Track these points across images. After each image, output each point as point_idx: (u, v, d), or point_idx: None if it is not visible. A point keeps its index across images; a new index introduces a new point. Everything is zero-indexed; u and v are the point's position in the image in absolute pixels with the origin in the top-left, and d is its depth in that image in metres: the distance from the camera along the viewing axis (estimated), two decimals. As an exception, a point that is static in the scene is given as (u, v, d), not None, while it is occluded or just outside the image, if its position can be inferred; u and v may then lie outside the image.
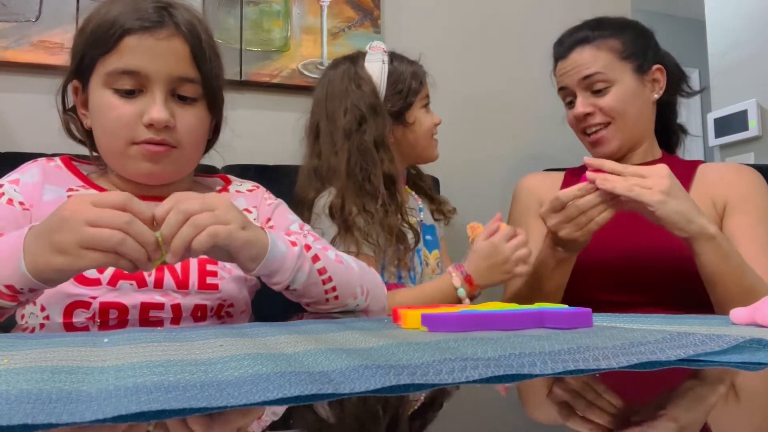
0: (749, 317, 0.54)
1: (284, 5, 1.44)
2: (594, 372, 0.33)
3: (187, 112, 0.81)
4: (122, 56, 0.76)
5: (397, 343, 0.40)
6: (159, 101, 0.77)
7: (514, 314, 0.50)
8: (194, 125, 0.82)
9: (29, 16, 1.24)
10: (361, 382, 0.29)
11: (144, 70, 0.77)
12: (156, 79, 0.77)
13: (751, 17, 2.66)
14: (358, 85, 1.12)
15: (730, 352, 0.37)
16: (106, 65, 0.77)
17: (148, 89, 0.78)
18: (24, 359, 0.36)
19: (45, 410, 0.25)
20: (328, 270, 0.76)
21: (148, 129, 0.77)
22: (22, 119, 1.24)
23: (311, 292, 0.75)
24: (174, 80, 0.79)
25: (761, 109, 2.64)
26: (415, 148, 1.18)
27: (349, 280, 0.79)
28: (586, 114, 1.11)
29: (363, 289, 0.81)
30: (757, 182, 1.08)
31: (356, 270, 0.82)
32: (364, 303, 0.81)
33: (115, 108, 0.77)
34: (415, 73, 1.16)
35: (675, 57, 1.23)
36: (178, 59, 0.79)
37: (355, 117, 1.10)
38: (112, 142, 0.79)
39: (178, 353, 0.38)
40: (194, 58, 0.80)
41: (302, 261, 0.72)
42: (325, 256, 0.77)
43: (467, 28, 1.64)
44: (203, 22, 0.83)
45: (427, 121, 1.17)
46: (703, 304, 0.97)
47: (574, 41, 1.13)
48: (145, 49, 0.77)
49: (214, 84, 0.83)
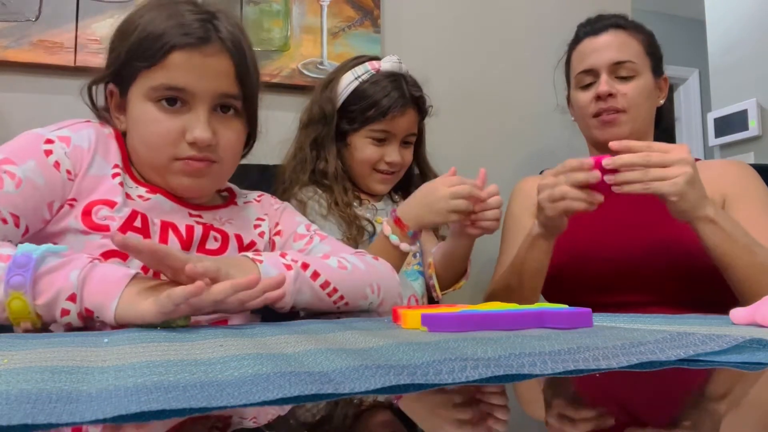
0: (749, 317, 0.54)
1: (284, 5, 1.44)
2: (594, 372, 0.33)
3: (227, 128, 0.80)
4: (168, 72, 0.75)
5: (397, 343, 0.40)
6: (203, 119, 0.76)
7: (514, 314, 0.50)
8: (234, 140, 0.82)
9: (29, 16, 1.23)
10: (361, 382, 0.29)
11: (191, 87, 0.76)
12: (201, 97, 0.76)
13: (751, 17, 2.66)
14: (326, 88, 1.15)
15: (730, 352, 0.37)
16: (151, 79, 0.76)
17: (192, 105, 0.77)
18: (24, 359, 0.36)
19: (45, 410, 0.25)
20: (332, 282, 0.74)
21: (191, 146, 0.77)
22: (22, 119, 1.24)
23: (318, 307, 0.74)
24: (218, 97, 0.78)
25: (761, 109, 2.64)
26: (352, 171, 1.15)
27: (355, 285, 0.78)
28: (609, 95, 1.10)
29: (373, 287, 0.80)
30: (753, 175, 1.09)
31: (363, 270, 0.80)
32: (377, 299, 0.81)
33: (158, 123, 0.76)
34: (380, 106, 1.09)
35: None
36: (224, 76, 0.78)
37: (309, 115, 1.15)
38: (155, 156, 0.78)
39: (178, 353, 0.38)
40: (238, 74, 0.79)
41: (300, 284, 0.71)
42: (327, 268, 0.75)
43: (467, 28, 1.64)
44: (245, 34, 0.82)
45: (366, 153, 1.12)
46: (704, 303, 0.97)
47: (610, 23, 1.14)
48: (192, 67, 0.75)
49: (252, 98, 0.83)
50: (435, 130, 1.34)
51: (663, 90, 1.17)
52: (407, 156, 1.16)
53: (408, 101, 1.11)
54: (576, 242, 1.08)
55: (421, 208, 0.95)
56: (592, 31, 1.15)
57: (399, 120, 1.10)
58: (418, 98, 1.14)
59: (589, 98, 1.13)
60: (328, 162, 1.11)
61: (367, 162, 1.12)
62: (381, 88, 1.10)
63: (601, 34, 1.13)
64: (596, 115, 1.13)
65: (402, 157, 1.14)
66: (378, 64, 1.14)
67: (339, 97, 1.13)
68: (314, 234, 0.90)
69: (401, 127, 1.12)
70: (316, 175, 1.12)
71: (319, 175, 1.12)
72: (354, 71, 1.14)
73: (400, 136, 1.13)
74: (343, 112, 1.13)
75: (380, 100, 1.09)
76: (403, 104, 1.10)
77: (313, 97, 1.18)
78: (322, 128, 1.13)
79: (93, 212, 0.74)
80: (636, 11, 1.68)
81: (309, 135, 1.14)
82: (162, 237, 0.78)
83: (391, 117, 1.09)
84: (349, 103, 1.12)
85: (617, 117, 1.10)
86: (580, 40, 1.17)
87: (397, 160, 1.13)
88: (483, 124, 1.63)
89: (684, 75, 4.31)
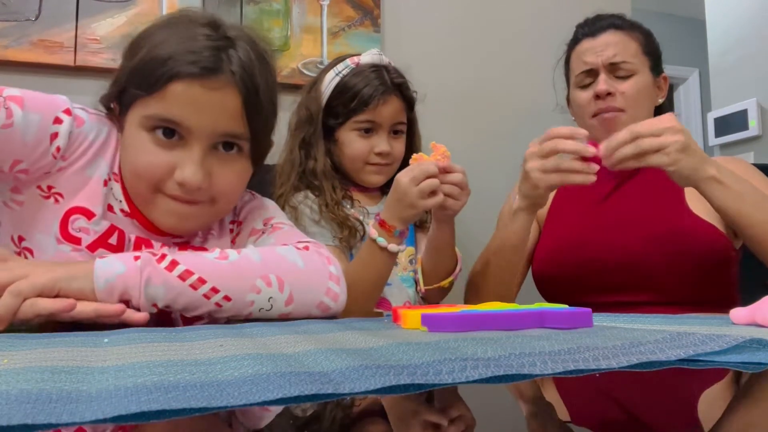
0: (749, 317, 0.54)
1: (284, 4, 1.44)
2: (594, 372, 0.33)
3: (226, 168, 0.73)
4: (165, 103, 0.68)
5: (397, 343, 0.40)
6: (196, 159, 0.69)
7: (514, 314, 0.50)
8: (233, 182, 0.74)
9: (29, 15, 1.23)
10: (361, 382, 0.29)
11: (186, 122, 0.69)
12: (198, 134, 0.69)
13: (751, 17, 2.66)
14: (311, 89, 1.17)
15: (730, 352, 0.37)
16: (147, 107, 0.69)
17: (188, 141, 0.70)
18: (24, 359, 0.36)
19: (45, 410, 0.24)
20: (196, 272, 0.63)
21: (179, 186, 0.70)
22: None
23: (186, 302, 0.63)
24: (218, 135, 0.71)
25: (761, 109, 2.64)
26: (344, 167, 1.16)
27: (237, 275, 0.66)
28: (608, 93, 1.11)
29: (270, 279, 0.68)
30: (753, 168, 1.10)
31: (255, 260, 0.68)
32: (281, 295, 0.68)
33: (148, 154, 0.70)
34: (361, 96, 1.10)
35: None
36: (227, 114, 0.70)
37: (297, 117, 1.17)
38: (139, 186, 0.72)
39: (178, 353, 0.38)
40: (246, 112, 0.71)
41: (149, 273, 0.61)
42: (193, 258, 0.65)
43: (467, 28, 1.64)
44: (266, 65, 0.74)
45: (355, 146, 1.12)
46: (704, 303, 0.97)
47: (608, 23, 1.15)
48: (190, 100, 0.68)
49: (263, 139, 0.75)
50: (434, 129, 1.34)
51: (662, 89, 1.17)
52: (398, 146, 1.16)
53: (390, 88, 1.12)
54: (577, 240, 1.08)
55: (396, 205, 0.95)
56: (590, 32, 1.15)
57: (382, 108, 1.11)
58: (399, 85, 1.14)
59: (588, 98, 1.13)
60: (317, 160, 1.12)
61: (358, 157, 1.12)
62: (361, 78, 1.11)
63: (599, 35, 1.14)
64: (595, 114, 1.13)
65: (392, 147, 1.14)
66: (358, 59, 1.15)
67: (323, 96, 1.14)
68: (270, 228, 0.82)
69: (386, 115, 1.12)
70: (306, 176, 1.13)
71: (309, 174, 1.13)
72: (335, 69, 1.15)
73: (387, 125, 1.13)
74: (328, 109, 1.14)
75: (361, 90, 1.10)
76: (384, 91, 1.11)
77: (300, 100, 1.19)
78: (308, 128, 1.14)
79: (70, 222, 0.72)
80: (636, 11, 1.68)
81: (297, 137, 1.15)
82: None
83: (374, 106, 1.10)
84: (332, 99, 1.13)
85: (616, 116, 1.11)
86: (578, 41, 1.18)
87: (387, 149, 1.12)
88: (483, 123, 1.63)
89: (684, 75, 4.31)
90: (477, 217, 1.48)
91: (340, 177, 1.16)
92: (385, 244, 0.95)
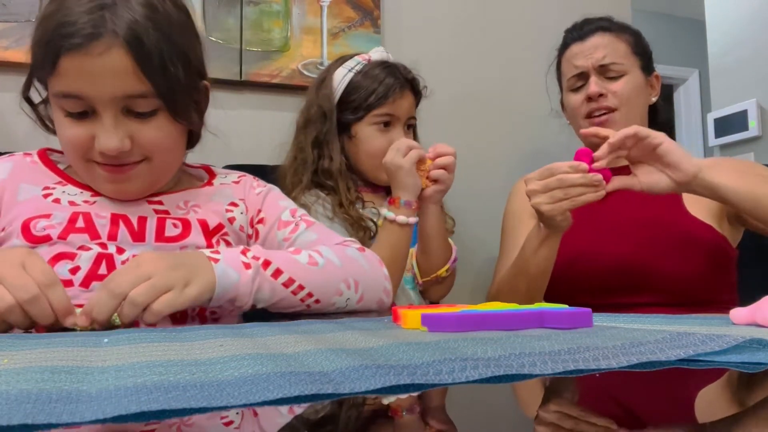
0: (749, 317, 0.53)
1: (284, 5, 1.44)
2: (594, 372, 0.33)
3: (146, 128, 0.73)
4: (61, 79, 0.68)
5: (397, 343, 0.40)
6: (107, 127, 0.70)
7: (514, 314, 0.50)
8: (158, 137, 0.74)
9: (29, 16, 1.23)
10: (361, 382, 0.29)
11: (85, 93, 0.68)
12: (100, 102, 0.69)
13: (751, 17, 2.66)
14: (321, 86, 1.17)
15: (730, 352, 0.37)
16: (52, 86, 0.71)
17: (96, 110, 0.70)
18: (24, 359, 0.36)
19: (45, 410, 0.24)
20: (297, 279, 0.70)
21: (102, 155, 0.72)
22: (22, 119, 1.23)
23: (284, 305, 0.71)
24: (121, 99, 0.70)
25: (761, 109, 2.64)
26: (359, 164, 1.17)
27: (327, 280, 0.73)
28: (599, 95, 1.11)
29: (349, 282, 0.75)
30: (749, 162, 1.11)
31: (337, 265, 0.76)
32: (356, 295, 0.76)
33: (66, 129, 0.72)
34: (379, 90, 1.12)
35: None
36: (120, 76, 0.68)
37: (306, 116, 1.17)
38: (73, 160, 0.75)
39: (178, 353, 0.38)
40: (142, 68, 0.68)
41: (260, 282, 0.66)
42: (293, 265, 0.71)
43: (467, 28, 1.64)
44: (161, 15, 0.70)
45: (374, 142, 1.13)
46: (704, 304, 0.97)
47: (595, 27, 1.16)
48: (81, 71, 0.67)
49: (174, 90, 0.72)
50: (433, 129, 1.35)
51: (655, 87, 1.18)
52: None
53: (405, 83, 1.15)
54: (576, 243, 1.08)
55: (394, 182, 1.04)
56: (579, 36, 1.16)
57: (400, 102, 1.14)
58: (412, 80, 1.18)
59: (581, 100, 1.14)
60: (332, 159, 1.12)
61: (377, 152, 1.12)
62: (377, 74, 1.14)
63: (588, 39, 1.15)
64: (588, 116, 1.14)
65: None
66: (368, 56, 1.16)
67: (335, 92, 1.14)
68: (300, 220, 0.85)
69: (403, 108, 1.15)
70: (320, 176, 1.13)
71: (323, 174, 1.12)
72: (346, 65, 1.15)
73: (404, 118, 1.16)
74: (342, 105, 1.14)
75: (380, 84, 1.12)
76: (401, 86, 1.14)
77: (308, 98, 1.19)
78: (322, 125, 1.14)
79: (31, 226, 0.73)
80: (636, 11, 1.68)
81: (309, 135, 1.15)
82: (112, 230, 0.75)
83: (393, 99, 1.13)
84: (347, 94, 1.14)
85: (609, 116, 1.11)
86: (567, 46, 1.19)
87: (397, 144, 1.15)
88: (481, 125, 1.63)
89: (684, 75, 4.31)
90: (477, 216, 1.48)
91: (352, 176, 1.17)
92: (394, 217, 1.02)
